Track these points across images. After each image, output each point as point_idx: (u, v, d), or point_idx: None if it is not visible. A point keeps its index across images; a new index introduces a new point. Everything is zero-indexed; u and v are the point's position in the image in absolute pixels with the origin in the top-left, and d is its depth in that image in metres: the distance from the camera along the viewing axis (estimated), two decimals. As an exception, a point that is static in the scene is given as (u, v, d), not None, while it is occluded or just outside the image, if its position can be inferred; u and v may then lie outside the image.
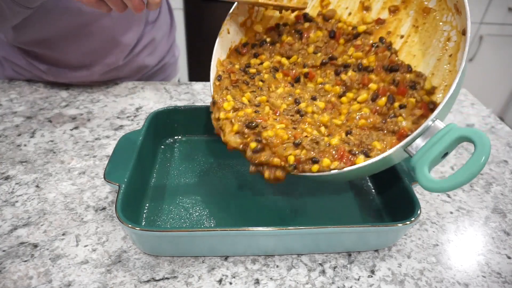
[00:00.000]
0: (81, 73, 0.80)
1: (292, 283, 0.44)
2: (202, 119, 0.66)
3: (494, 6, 1.78)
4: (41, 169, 0.58)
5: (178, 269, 0.44)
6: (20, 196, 0.53)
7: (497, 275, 0.46)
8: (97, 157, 0.62)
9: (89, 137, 0.67)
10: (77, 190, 0.55)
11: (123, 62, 0.82)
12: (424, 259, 0.47)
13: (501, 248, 0.50)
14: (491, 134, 0.75)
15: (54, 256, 0.45)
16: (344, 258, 0.47)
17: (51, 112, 0.73)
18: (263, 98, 0.51)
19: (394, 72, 0.48)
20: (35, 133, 0.67)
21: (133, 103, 0.78)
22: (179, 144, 0.65)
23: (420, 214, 0.44)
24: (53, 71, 0.79)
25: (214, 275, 0.44)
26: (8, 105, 0.75)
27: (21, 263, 0.44)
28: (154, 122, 0.61)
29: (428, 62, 0.48)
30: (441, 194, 0.58)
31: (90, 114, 0.73)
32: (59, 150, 0.63)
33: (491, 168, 0.65)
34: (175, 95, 0.82)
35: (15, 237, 0.47)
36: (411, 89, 0.47)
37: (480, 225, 0.53)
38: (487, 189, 0.60)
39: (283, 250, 0.46)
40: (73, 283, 0.42)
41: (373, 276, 0.45)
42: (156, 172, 0.58)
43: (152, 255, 0.46)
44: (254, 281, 0.44)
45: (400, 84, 0.48)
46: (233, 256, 0.46)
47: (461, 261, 0.48)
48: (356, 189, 0.57)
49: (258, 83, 0.53)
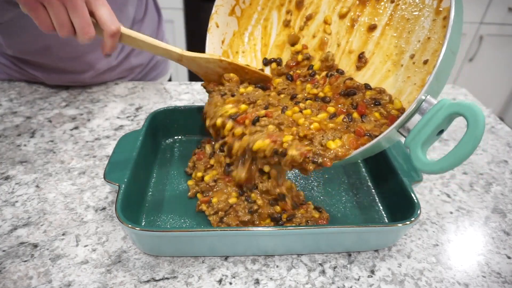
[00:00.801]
0: (73, 77, 0.79)
1: (292, 283, 0.43)
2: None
3: (494, 6, 1.78)
4: (41, 169, 0.58)
5: (178, 269, 0.44)
6: (20, 196, 0.53)
7: (497, 275, 0.46)
8: (97, 157, 0.62)
9: (89, 137, 0.67)
10: (77, 190, 0.55)
11: (115, 64, 0.82)
12: (424, 259, 0.47)
13: (501, 248, 0.50)
14: (491, 134, 0.75)
15: (54, 256, 0.45)
16: (344, 258, 0.47)
17: (51, 112, 0.73)
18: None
19: (352, 95, 0.48)
20: (35, 133, 0.67)
21: (133, 103, 0.78)
22: (179, 144, 0.65)
23: (420, 214, 0.44)
24: (45, 76, 0.79)
25: (214, 275, 0.44)
26: (8, 105, 0.75)
27: (21, 263, 0.44)
28: (154, 122, 0.61)
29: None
30: (441, 194, 0.58)
31: (90, 114, 0.73)
32: (59, 150, 0.63)
33: (491, 168, 0.65)
34: (175, 95, 0.82)
35: (15, 237, 0.47)
36: (375, 105, 0.46)
37: (480, 225, 0.53)
38: (487, 189, 0.60)
39: (283, 250, 0.46)
40: (73, 283, 0.42)
41: (373, 276, 0.45)
42: (156, 172, 0.58)
43: (152, 255, 0.46)
44: (254, 281, 0.44)
45: (359, 104, 0.47)
46: (233, 256, 0.46)
47: (461, 261, 0.48)
48: (356, 189, 0.57)
49: (221, 158, 0.56)
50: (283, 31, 0.59)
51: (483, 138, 0.73)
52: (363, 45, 0.52)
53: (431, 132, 0.38)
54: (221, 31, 0.58)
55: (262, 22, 0.60)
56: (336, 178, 0.59)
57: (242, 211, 0.49)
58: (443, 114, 0.36)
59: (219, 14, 0.58)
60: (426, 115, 0.38)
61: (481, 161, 0.67)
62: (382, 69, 0.50)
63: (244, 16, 0.59)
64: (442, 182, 0.61)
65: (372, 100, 0.47)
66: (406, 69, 0.47)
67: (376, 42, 0.51)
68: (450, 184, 0.61)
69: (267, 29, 0.60)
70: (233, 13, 0.59)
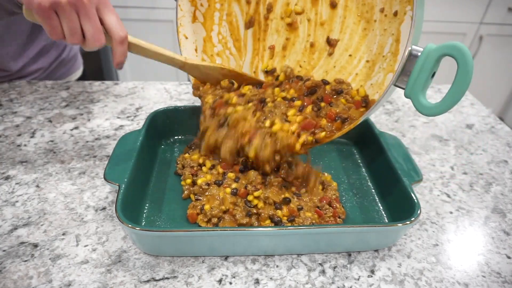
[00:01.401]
0: None
1: (292, 283, 0.44)
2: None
3: (494, 6, 1.77)
4: (41, 169, 0.58)
5: (178, 269, 0.44)
6: (20, 196, 0.53)
7: (497, 275, 0.46)
8: (97, 157, 0.62)
9: (89, 137, 0.67)
10: (77, 190, 0.55)
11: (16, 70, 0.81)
12: (424, 259, 0.47)
13: (501, 248, 0.50)
14: (491, 134, 0.75)
15: (54, 256, 0.45)
16: (344, 258, 0.47)
17: (51, 112, 0.73)
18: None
19: (314, 93, 0.53)
20: (35, 133, 0.67)
21: (133, 103, 0.78)
22: (179, 144, 0.65)
23: (420, 214, 0.44)
24: None
25: (214, 275, 0.44)
26: (8, 105, 0.75)
27: (21, 263, 0.44)
28: (154, 122, 0.61)
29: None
30: (441, 194, 0.58)
31: (90, 114, 0.73)
32: (59, 150, 0.63)
33: (491, 168, 0.65)
34: (175, 95, 0.82)
35: (15, 237, 0.47)
36: (338, 94, 0.52)
37: (480, 225, 0.53)
38: (487, 189, 0.60)
39: (283, 250, 0.46)
40: (73, 283, 0.42)
41: (373, 276, 0.45)
42: (156, 172, 0.58)
43: (152, 255, 0.46)
44: (254, 281, 0.44)
45: (324, 97, 0.53)
46: (233, 256, 0.46)
47: (461, 261, 0.48)
48: (356, 189, 0.57)
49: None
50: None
51: (483, 138, 0.73)
52: (333, 13, 0.53)
53: (427, 77, 0.40)
54: (191, 40, 0.59)
55: (225, 18, 0.59)
56: (336, 178, 0.59)
57: (240, 214, 0.49)
58: (433, 58, 0.39)
59: (184, 25, 0.58)
60: (418, 63, 0.40)
61: (481, 161, 0.67)
62: (358, 30, 0.51)
63: (207, 18, 0.59)
64: (442, 182, 0.61)
65: (334, 91, 0.52)
66: (380, 23, 0.49)
67: (344, 5, 0.52)
68: (450, 184, 0.61)
69: (233, 23, 0.59)
70: (196, 19, 0.59)
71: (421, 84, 0.41)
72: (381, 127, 0.75)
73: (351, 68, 0.53)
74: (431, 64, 0.40)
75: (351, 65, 0.53)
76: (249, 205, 0.50)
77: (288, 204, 0.50)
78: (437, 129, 0.75)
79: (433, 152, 0.68)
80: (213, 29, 0.60)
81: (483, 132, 0.76)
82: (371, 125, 0.62)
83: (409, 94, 0.42)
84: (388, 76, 0.48)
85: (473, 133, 0.75)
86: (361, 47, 0.51)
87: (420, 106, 0.42)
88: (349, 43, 0.52)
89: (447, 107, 0.40)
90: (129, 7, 1.55)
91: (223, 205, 0.50)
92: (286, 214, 0.49)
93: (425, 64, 0.40)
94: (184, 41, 0.58)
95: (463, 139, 0.73)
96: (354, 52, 0.52)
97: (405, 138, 0.72)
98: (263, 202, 0.50)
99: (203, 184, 0.53)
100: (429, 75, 0.40)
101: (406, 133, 0.73)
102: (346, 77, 0.53)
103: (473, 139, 0.73)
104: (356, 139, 0.67)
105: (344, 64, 0.53)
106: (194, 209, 0.50)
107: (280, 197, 0.51)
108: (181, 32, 0.58)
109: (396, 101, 0.85)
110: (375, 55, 0.50)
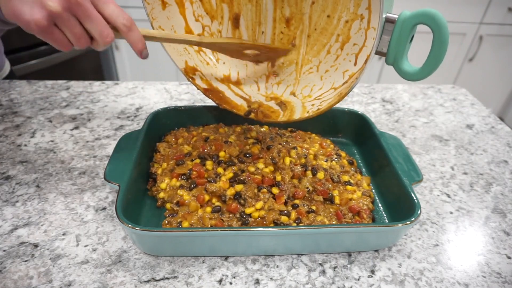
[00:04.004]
0: None
1: (292, 283, 0.44)
2: (202, 119, 0.66)
3: (494, 6, 1.77)
4: (41, 169, 0.58)
5: (178, 269, 0.44)
6: (21, 196, 0.53)
7: (497, 275, 0.46)
8: (97, 157, 0.62)
9: (89, 137, 0.67)
10: (77, 190, 0.55)
11: None
12: (424, 259, 0.47)
13: (501, 248, 0.50)
14: (491, 134, 0.75)
15: (55, 256, 0.45)
16: (344, 258, 0.47)
17: (51, 112, 0.73)
18: None
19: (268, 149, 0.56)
20: (35, 133, 0.67)
21: (133, 103, 0.78)
22: (179, 144, 0.65)
23: (420, 214, 0.44)
24: None
25: (214, 275, 0.44)
26: (8, 105, 0.75)
27: (21, 263, 0.44)
28: (154, 122, 0.61)
29: None
30: (441, 194, 0.58)
31: (90, 114, 0.73)
32: (59, 150, 0.63)
33: (491, 168, 0.65)
34: (175, 95, 0.82)
35: (15, 237, 0.47)
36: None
37: (480, 225, 0.53)
38: (487, 189, 0.60)
39: (283, 250, 0.46)
40: (74, 283, 0.42)
41: (373, 276, 0.45)
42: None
43: (152, 255, 0.46)
44: (254, 281, 0.44)
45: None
46: (233, 256, 0.46)
47: (461, 261, 0.48)
48: (356, 189, 0.57)
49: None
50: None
51: (483, 138, 0.73)
52: None
53: (406, 42, 0.42)
54: (168, 28, 0.57)
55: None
56: (336, 178, 0.59)
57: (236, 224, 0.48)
58: (409, 25, 0.40)
59: (156, 17, 0.56)
60: (395, 30, 0.41)
61: (481, 161, 0.67)
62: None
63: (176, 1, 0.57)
64: (442, 182, 0.61)
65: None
66: None
67: None
68: (450, 184, 0.61)
69: (204, 1, 0.58)
70: (166, 4, 0.56)
71: (402, 50, 0.42)
72: (381, 127, 0.75)
73: (331, 28, 0.52)
74: (408, 29, 0.41)
75: (331, 25, 0.52)
76: (244, 216, 0.48)
77: (296, 209, 0.49)
78: (437, 129, 0.75)
79: (433, 152, 0.68)
80: (186, 7, 0.58)
81: (483, 132, 0.76)
82: (371, 125, 0.62)
83: (392, 61, 0.44)
84: (368, 39, 0.48)
85: (473, 133, 0.75)
86: (337, 7, 0.51)
87: (404, 72, 0.43)
88: (325, 3, 0.52)
89: (427, 73, 0.41)
90: (129, 7, 1.55)
91: (204, 220, 0.47)
92: (293, 218, 0.48)
93: (403, 31, 0.41)
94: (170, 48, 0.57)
95: (463, 139, 0.73)
96: (332, 12, 0.52)
97: (405, 138, 0.72)
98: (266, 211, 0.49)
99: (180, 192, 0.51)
100: (408, 40, 0.42)
101: (406, 133, 0.73)
102: (329, 38, 0.53)
103: (473, 139, 0.73)
104: (356, 139, 0.67)
105: (324, 25, 0.53)
106: (169, 224, 0.48)
107: (287, 207, 0.49)
108: (155, 26, 0.56)
109: (396, 101, 0.85)
110: (352, 14, 0.50)
